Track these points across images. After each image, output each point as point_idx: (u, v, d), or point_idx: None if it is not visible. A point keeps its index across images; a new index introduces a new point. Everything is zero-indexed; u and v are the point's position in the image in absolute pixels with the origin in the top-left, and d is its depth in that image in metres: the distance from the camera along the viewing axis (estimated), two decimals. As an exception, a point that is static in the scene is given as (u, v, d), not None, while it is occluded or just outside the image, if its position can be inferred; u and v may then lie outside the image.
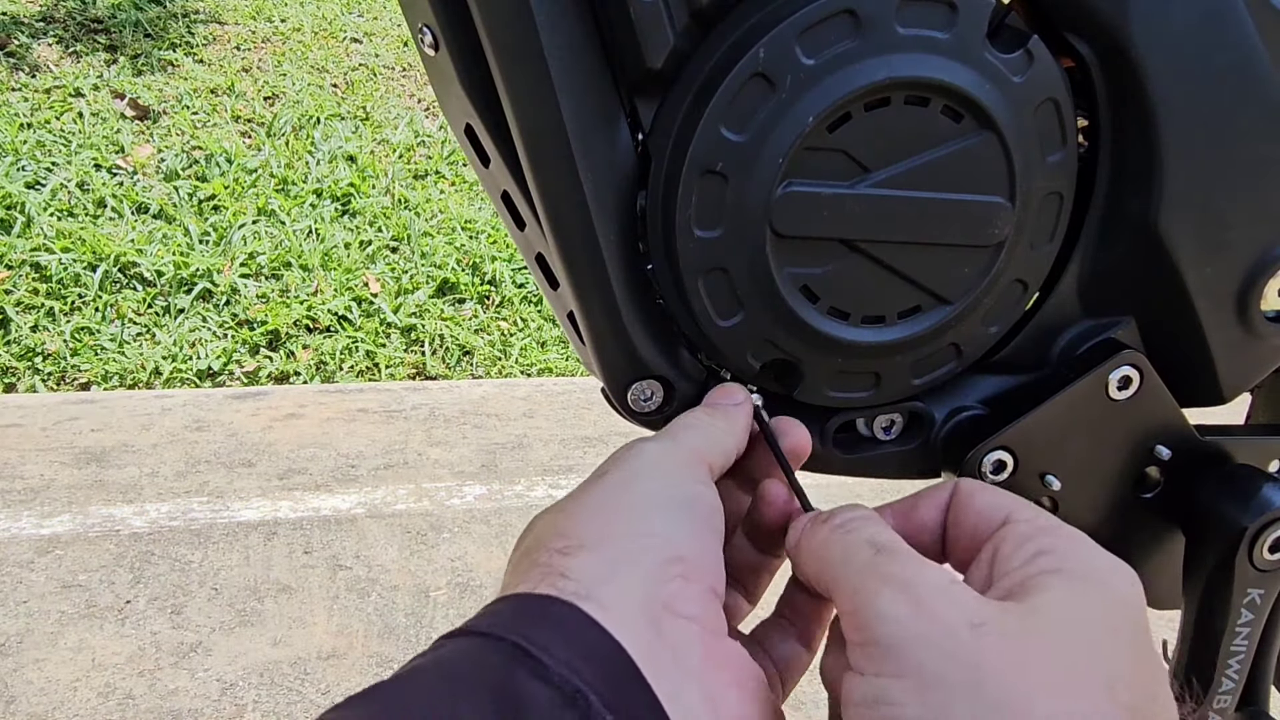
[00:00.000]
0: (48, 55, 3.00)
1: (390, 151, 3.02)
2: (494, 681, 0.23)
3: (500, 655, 0.24)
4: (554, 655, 0.24)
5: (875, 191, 0.33)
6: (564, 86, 0.32)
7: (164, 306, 2.34)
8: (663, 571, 0.28)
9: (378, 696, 0.24)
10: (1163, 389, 0.39)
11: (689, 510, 0.30)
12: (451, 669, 0.24)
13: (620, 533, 0.29)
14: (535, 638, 0.25)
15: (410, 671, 0.25)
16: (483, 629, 0.26)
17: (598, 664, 0.25)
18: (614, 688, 0.24)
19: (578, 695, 0.23)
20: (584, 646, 0.25)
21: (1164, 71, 0.34)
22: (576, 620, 0.25)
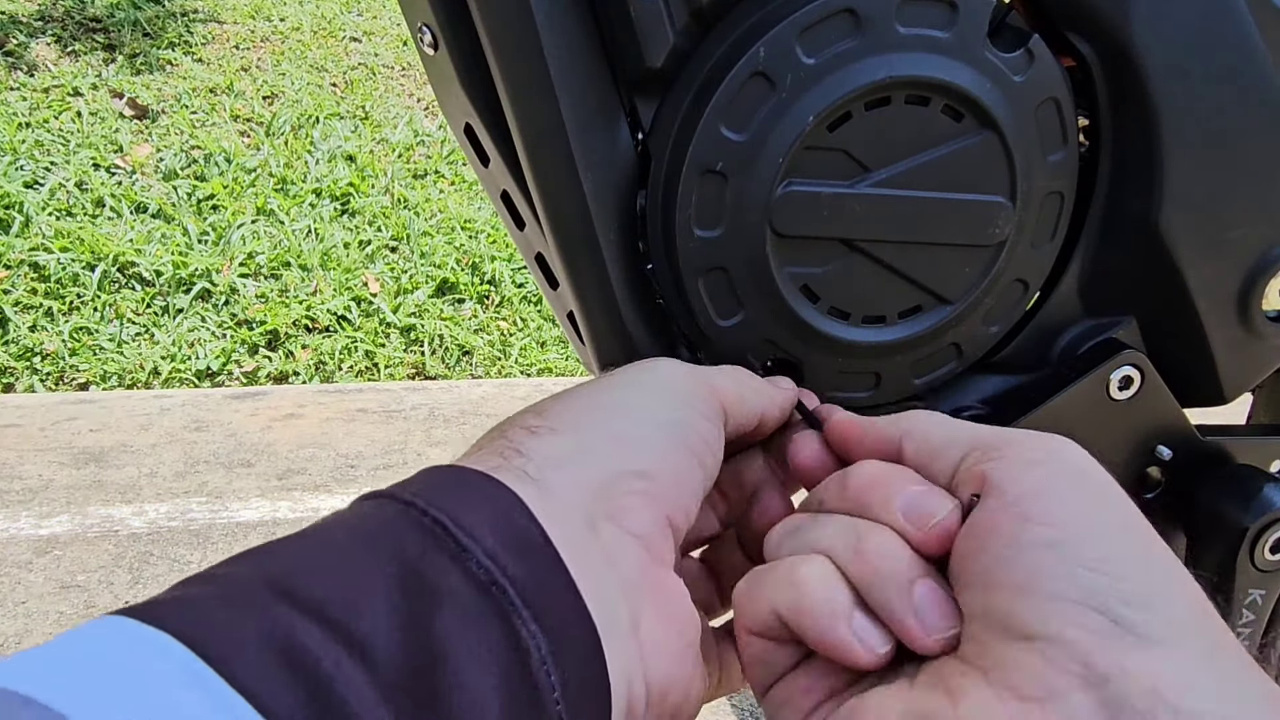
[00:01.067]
0: (46, 54, 3.00)
1: (389, 151, 3.02)
2: (405, 556, 0.21)
3: (418, 530, 0.22)
4: (478, 540, 0.22)
5: (876, 191, 0.33)
6: (564, 85, 0.32)
7: (163, 306, 2.34)
8: (622, 481, 0.26)
9: (276, 550, 0.22)
10: (1164, 389, 0.39)
11: (676, 433, 0.28)
12: (362, 533, 0.22)
13: (595, 429, 0.27)
14: (461, 518, 0.23)
15: (317, 528, 0.23)
16: (406, 496, 0.23)
17: (523, 556, 0.23)
18: (537, 583, 0.22)
19: (494, 587, 0.22)
20: (512, 536, 0.23)
21: (1165, 71, 0.34)
22: (509, 505, 0.24)
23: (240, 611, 0.19)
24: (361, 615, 0.20)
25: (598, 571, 0.24)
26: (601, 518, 0.25)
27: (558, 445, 0.26)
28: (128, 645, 0.18)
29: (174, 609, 0.19)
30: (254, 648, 0.19)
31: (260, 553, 0.22)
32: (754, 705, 1.30)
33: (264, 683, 0.18)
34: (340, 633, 0.19)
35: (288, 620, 0.19)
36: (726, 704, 1.29)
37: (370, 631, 0.20)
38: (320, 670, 0.19)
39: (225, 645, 0.18)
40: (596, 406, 0.28)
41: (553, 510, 0.24)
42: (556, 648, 0.22)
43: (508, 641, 0.21)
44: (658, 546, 0.26)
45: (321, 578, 0.21)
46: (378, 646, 0.20)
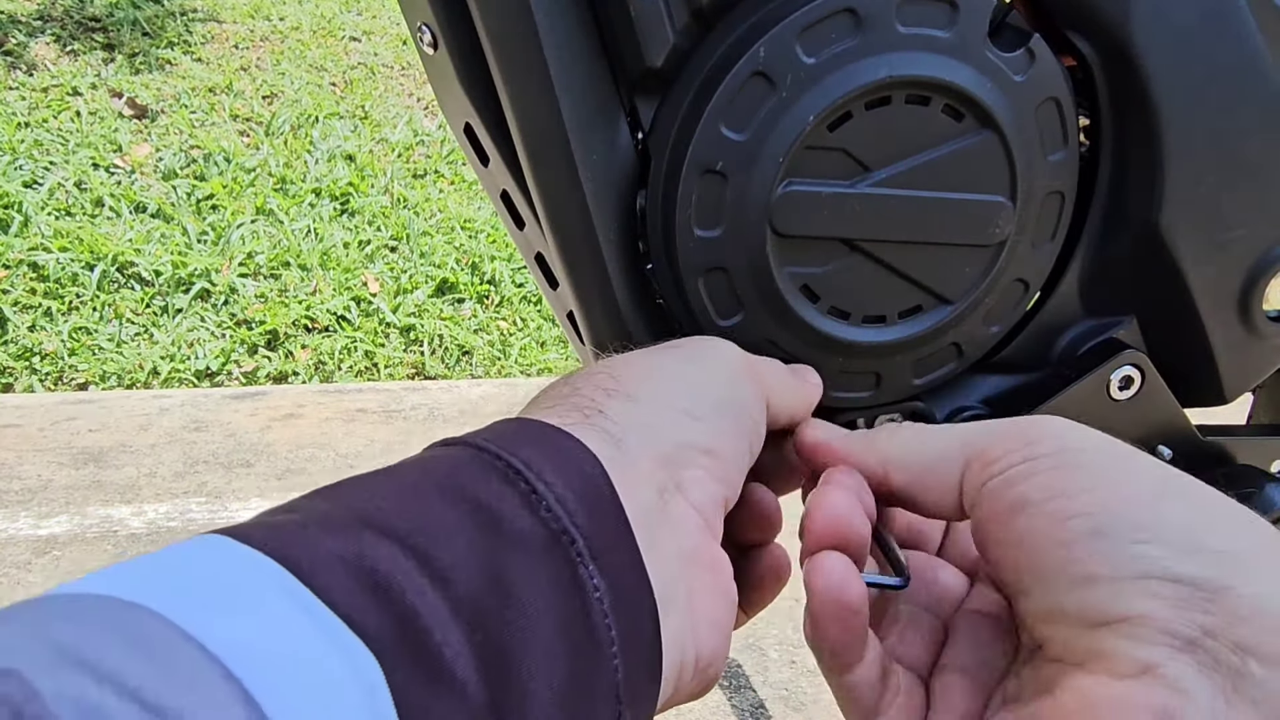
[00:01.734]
0: (45, 54, 2.99)
1: (389, 150, 3.02)
2: (479, 496, 0.22)
3: (492, 472, 0.23)
4: (551, 488, 0.23)
5: (876, 191, 0.33)
6: (564, 85, 0.32)
7: (162, 306, 2.34)
8: (690, 454, 0.26)
9: (348, 489, 0.22)
10: (1164, 389, 0.39)
11: (733, 413, 0.29)
12: (436, 474, 0.22)
13: (671, 400, 0.27)
14: (535, 465, 0.23)
15: (391, 469, 0.23)
16: (480, 442, 0.24)
17: (593, 511, 0.23)
18: (604, 538, 0.23)
19: (563, 535, 0.22)
20: (585, 488, 0.23)
21: (1165, 70, 0.34)
22: (583, 459, 0.24)
23: (328, 536, 0.20)
24: (440, 547, 0.20)
25: (662, 540, 0.25)
26: (671, 488, 0.26)
27: (635, 411, 0.26)
28: (226, 560, 0.19)
29: (265, 531, 0.20)
30: (343, 570, 0.19)
31: (338, 488, 0.22)
32: (754, 706, 1.30)
33: (354, 604, 0.18)
34: (422, 561, 0.20)
35: (372, 546, 0.20)
36: (726, 704, 1.29)
37: (449, 565, 0.20)
38: (406, 599, 0.19)
39: (318, 566, 0.19)
40: (667, 377, 0.28)
41: (627, 473, 0.24)
42: (618, 603, 0.22)
43: (573, 588, 0.22)
44: (713, 522, 0.27)
45: (402, 512, 0.21)
46: (458, 580, 0.20)
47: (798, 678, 1.35)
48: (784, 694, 1.32)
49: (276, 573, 0.18)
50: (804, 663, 1.37)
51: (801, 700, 1.34)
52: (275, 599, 0.18)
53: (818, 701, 1.34)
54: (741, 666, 1.34)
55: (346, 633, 0.18)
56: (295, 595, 0.18)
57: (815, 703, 1.34)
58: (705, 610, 0.26)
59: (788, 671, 1.36)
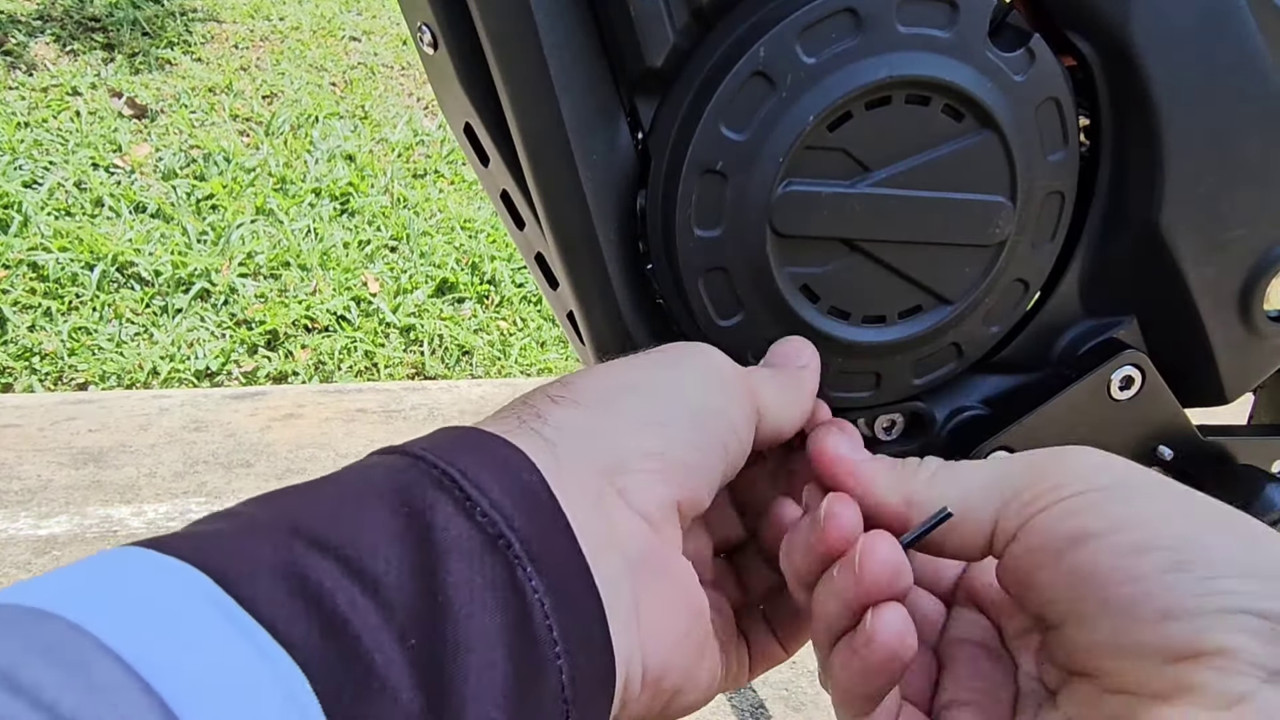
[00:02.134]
0: (45, 54, 2.99)
1: (389, 150, 3.02)
2: (413, 504, 0.21)
3: (426, 480, 0.22)
4: (485, 493, 0.22)
5: (876, 191, 0.33)
6: (563, 85, 0.32)
7: (162, 306, 2.34)
8: (634, 460, 0.25)
9: (283, 496, 0.22)
10: (1164, 389, 0.39)
11: (702, 418, 0.27)
12: (369, 482, 0.22)
13: (619, 409, 0.26)
14: (470, 472, 0.23)
15: (326, 478, 0.23)
16: (416, 450, 0.23)
17: (531, 513, 0.23)
18: (542, 540, 0.22)
19: (499, 539, 0.22)
20: (520, 492, 0.23)
21: (1165, 70, 0.34)
22: (519, 464, 0.23)
23: (257, 545, 0.19)
24: (374, 556, 0.20)
25: (602, 544, 0.24)
26: (610, 493, 0.25)
27: (577, 417, 0.26)
28: (150, 571, 0.18)
29: (191, 542, 0.19)
30: (270, 579, 0.19)
31: (273, 496, 0.22)
32: (754, 706, 1.30)
33: (281, 613, 0.18)
34: (353, 571, 0.20)
35: (303, 556, 0.19)
36: (726, 704, 1.29)
37: (384, 572, 0.20)
38: (335, 606, 0.19)
39: (243, 575, 0.18)
40: (625, 387, 0.27)
41: (563, 476, 0.24)
42: (559, 604, 0.22)
43: (512, 592, 0.21)
44: (664, 529, 0.26)
45: (334, 520, 0.21)
46: (389, 586, 0.20)
47: (797, 678, 1.35)
48: (784, 694, 1.32)
49: (200, 582, 0.18)
50: (803, 663, 1.37)
51: (801, 700, 1.34)
52: (198, 608, 0.18)
53: (817, 702, 1.34)
54: (741, 666, 1.34)
55: (270, 642, 0.18)
56: (219, 604, 0.18)
57: (814, 703, 1.34)
58: (655, 619, 0.25)
59: (787, 672, 1.36)
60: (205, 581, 0.18)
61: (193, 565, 0.18)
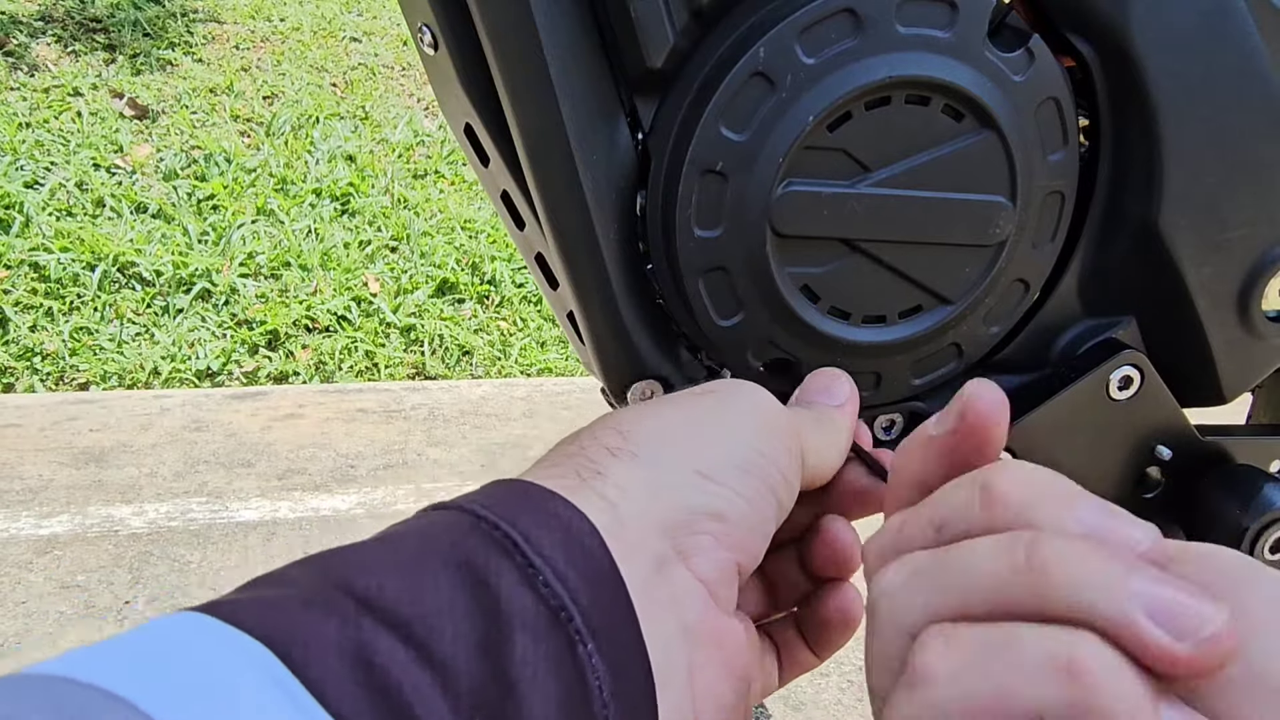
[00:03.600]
0: (46, 54, 3.00)
1: (389, 151, 3.02)
2: (478, 572, 0.21)
3: (490, 544, 0.21)
4: (549, 562, 0.21)
5: (876, 191, 0.33)
6: (564, 86, 0.32)
7: (163, 306, 2.34)
8: (696, 521, 0.25)
9: (349, 556, 0.21)
10: (1163, 389, 0.39)
11: (757, 471, 0.26)
12: (434, 545, 0.21)
13: (678, 459, 0.25)
14: (532, 536, 0.22)
15: (387, 536, 0.22)
16: (478, 510, 0.23)
17: (592, 584, 0.22)
18: (604, 614, 0.22)
19: (562, 612, 0.21)
20: (583, 559, 0.22)
21: (1164, 71, 0.34)
22: (580, 528, 0.23)
23: (323, 619, 0.19)
24: (442, 635, 0.19)
25: (661, 614, 0.23)
26: (672, 558, 0.24)
27: (637, 474, 0.25)
28: (213, 645, 0.17)
29: (255, 610, 0.18)
30: (338, 660, 0.18)
31: (332, 558, 0.21)
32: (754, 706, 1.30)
33: (348, 704, 0.17)
34: (422, 653, 0.19)
35: (371, 635, 0.19)
36: (726, 704, 1.29)
37: (450, 655, 0.19)
38: (402, 695, 0.18)
39: (310, 655, 0.18)
40: (681, 436, 0.26)
41: (625, 543, 0.23)
42: (616, 685, 0.21)
43: (573, 670, 0.21)
44: (722, 592, 0.25)
45: (400, 590, 0.20)
46: (458, 672, 0.19)
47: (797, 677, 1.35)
48: (783, 693, 1.32)
49: (266, 660, 0.17)
50: (804, 663, 1.37)
51: (801, 700, 1.34)
52: (263, 692, 0.17)
53: (817, 701, 1.34)
54: (742, 667, 1.34)
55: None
56: (286, 688, 0.17)
57: (814, 702, 1.34)
58: (707, 687, 0.24)
59: (788, 672, 1.36)
60: (269, 658, 0.17)
61: (259, 640, 0.17)
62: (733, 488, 0.26)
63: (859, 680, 1.43)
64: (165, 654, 0.17)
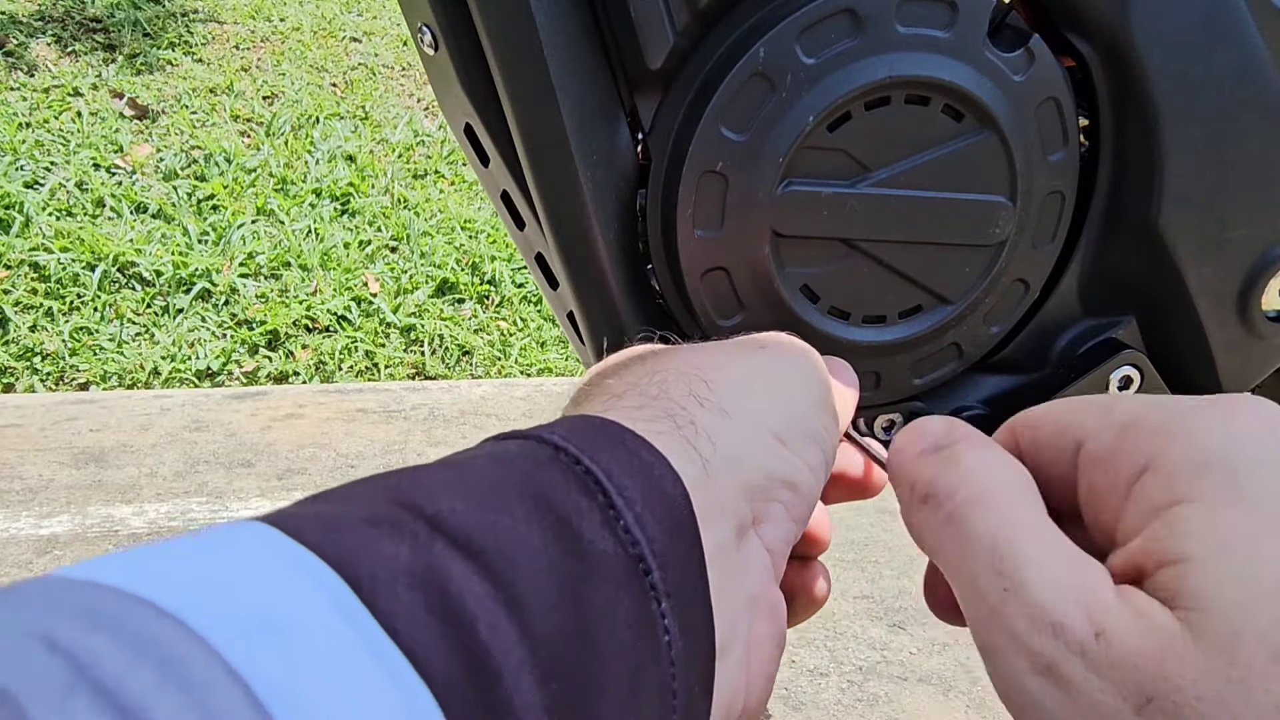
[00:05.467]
0: (45, 54, 3.00)
1: (389, 151, 3.02)
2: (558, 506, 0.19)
3: (571, 480, 0.20)
4: (630, 505, 0.20)
5: (876, 191, 0.33)
6: (563, 86, 0.32)
7: (163, 306, 2.34)
8: (777, 488, 0.24)
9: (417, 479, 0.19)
10: (1163, 389, 0.39)
11: (824, 446, 0.26)
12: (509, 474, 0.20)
13: (765, 421, 0.25)
14: (615, 476, 0.20)
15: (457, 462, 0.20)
16: (557, 440, 0.21)
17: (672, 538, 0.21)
18: (678, 575, 0.20)
19: (640, 563, 0.20)
20: (665, 514, 0.21)
21: (1164, 71, 0.34)
22: (665, 479, 0.21)
23: (396, 541, 0.17)
24: (519, 569, 0.18)
25: (731, 581, 0.23)
26: (748, 524, 0.24)
27: (727, 430, 0.24)
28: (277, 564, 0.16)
29: (321, 527, 0.17)
30: (409, 589, 0.16)
31: (397, 477, 0.19)
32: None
33: (419, 637, 0.16)
34: (500, 587, 0.17)
35: (445, 560, 0.17)
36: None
37: (529, 593, 0.18)
38: (477, 631, 0.17)
39: (379, 584, 0.16)
40: (761, 393, 0.26)
41: (709, 502, 0.22)
42: (685, 651, 0.20)
43: (647, 630, 0.20)
44: (781, 563, 0.25)
45: (478, 519, 0.18)
46: (536, 614, 0.18)
47: (797, 677, 1.35)
48: (783, 694, 1.32)
49: (335, 586, 0.16)
50: (803, 662, 1.37)
51: (801, 700, 1.34)
52: (330, 623, 0.15)
53: (817, 701, 1.34)
54: (742, 666, 1.34)
55: (410, 673, 0.15)
56: (354, 620, 0.16)
57: (814, 702, 1.34)
58: (760, 660, 0.24)
59: (787, 671, 1.36)
60: (338, 584, 0.16)
61: (323, 559, 0.16)
62: (803, 457, 0.25)
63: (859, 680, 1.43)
64: (222, 569, 0.16)
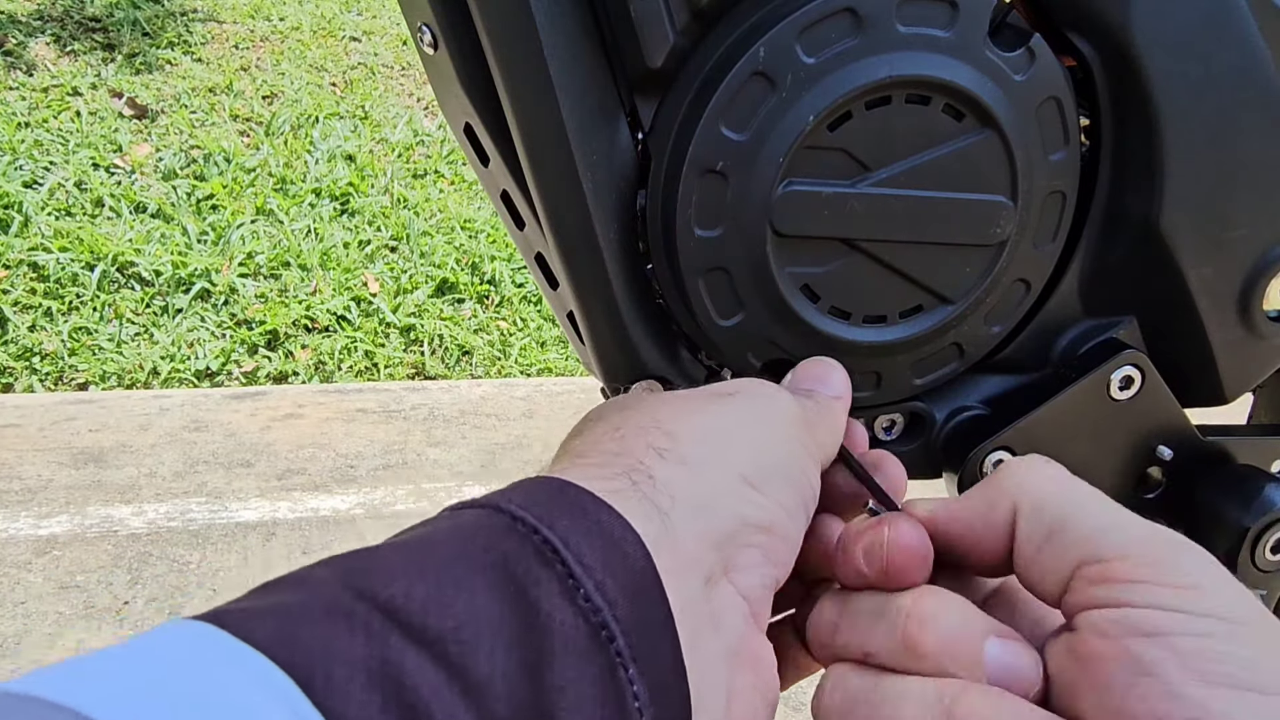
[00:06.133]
0: (44, 54, 2.99)
1: (389, 150, 3.02)
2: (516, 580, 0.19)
3: (529, 551, 0.20)
4: (590, 573, 0.20)
5: (876, 190, 0.33)
6: (563, 85, 0.32)
7: (162, 306, 2.34)
8: (745, 534, 0.24)
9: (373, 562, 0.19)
10: (1164, 389, 0.39)
11: (799, 483, 0.26)
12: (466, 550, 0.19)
13: (726, 467, 0.24)
14: (573, 543, 0.20)
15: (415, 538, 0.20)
16: (514, 510, 0.21)
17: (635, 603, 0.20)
18: (645, 639, 0.20)
19: (603, 630, 0.19)
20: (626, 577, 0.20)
21: (1165, 71, 0.34)
22: (625, 540, 0.21)
23: (348, 635, 0.17)
24: (477, 653, 0.18)
25: (705, 635, 0.22)
26: (719, 574, 0.23)
27: (686, 481, 0.23)
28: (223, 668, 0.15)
29: (270, 623, 0.16)
30: (364, 690, 0.16)
31: (353, 560, 0.19)
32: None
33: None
34: (456, 674, 0.17)
35: (399, 653, 0.17)
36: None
37: (487, 678, 0.17)
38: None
39: (334, 679, 0.16)
40: (724, 439, 0.25)
41: (675, 556, 0.22)
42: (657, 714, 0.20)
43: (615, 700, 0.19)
44: (761, 610, 0.24)
45: (430, 599, 0.18)
46: (495, 696, 0.17)
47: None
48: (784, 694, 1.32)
49: (282, 686, 0.15)
50: (804, 663, 1.37)
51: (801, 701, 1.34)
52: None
53: (818, 702, 1.34)
54: (741, 666, 1.34)
55: None
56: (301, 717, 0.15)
57: (815, 703, 1.34)
58: (744, 713, 0.23)
59: (788, 671, 1.36)
60: (284, 682, 0.15)
61: (275, 661, 0.15)
62: (776, 499, 0.25)
63: (859, 680, 1.43)
64: (161, 674, 0.15)
